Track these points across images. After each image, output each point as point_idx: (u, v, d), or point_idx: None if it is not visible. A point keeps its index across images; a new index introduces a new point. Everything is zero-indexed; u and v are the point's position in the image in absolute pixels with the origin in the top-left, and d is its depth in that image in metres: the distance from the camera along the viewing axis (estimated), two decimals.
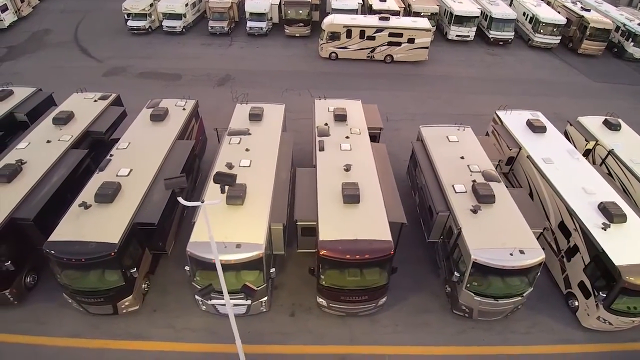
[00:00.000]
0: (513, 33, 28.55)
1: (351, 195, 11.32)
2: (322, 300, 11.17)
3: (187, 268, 10.61)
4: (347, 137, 14.01)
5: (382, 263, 10.45)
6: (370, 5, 27.99)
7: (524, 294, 11.03)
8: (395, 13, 26.88)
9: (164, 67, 24.71)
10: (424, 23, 25.03)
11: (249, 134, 13.99)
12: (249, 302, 7.99)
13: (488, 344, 11.34)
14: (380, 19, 24.83)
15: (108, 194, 10.98)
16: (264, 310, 11.38)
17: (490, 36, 28.40)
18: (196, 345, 10.82)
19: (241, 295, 9.87)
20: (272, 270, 10.77)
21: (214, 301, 8.05)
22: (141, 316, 11.41)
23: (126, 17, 29.02)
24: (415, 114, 20.94)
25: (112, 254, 9.85)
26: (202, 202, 6.70)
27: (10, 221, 10.78)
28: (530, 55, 28.58)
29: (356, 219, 11.02)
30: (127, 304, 10.91)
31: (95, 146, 14.37)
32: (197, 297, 10.77)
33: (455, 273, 11.00)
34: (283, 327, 11.40)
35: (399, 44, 24.73)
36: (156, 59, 25.83)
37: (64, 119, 14.27)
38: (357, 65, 25.77)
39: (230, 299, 10.04)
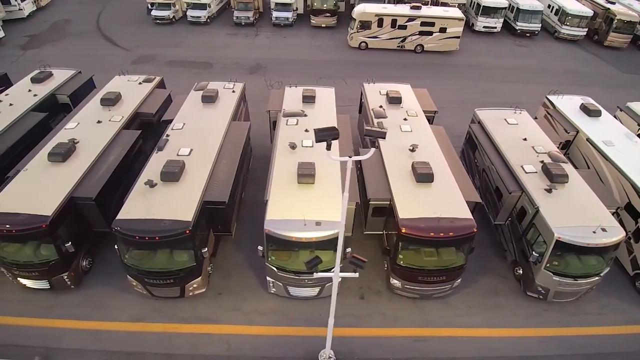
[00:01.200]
0: (540, 24, 28.42)
1: (425, 174, 11.03)
2: (396, 281, 10.82)
3: (260, 248, 10.29)
4: (404, 119, 13.78)
5: (464, 242, 10.13)
6: None
7: (602, 274, 10.79)
8: (425, 2, 26.67)
9: (193, 56, 24.32)
10: (456, 12, 24.84)
11: (305, 115, 13.66)
12: (356, 274, 7.69)
13: (564, 325, 11.08)
14: (412, 8, 24.61)
15: (174, 172, 10.56)
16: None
17: (517, 27, 28.22)
18: (267, 328, 10.44)
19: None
20: (348, 250, 10.41)
21: (320, 274, 7.75)
22: (207, 299, 11.00)
23: (150, 6, 28.63)
24: (453, 102, 20.68)
25: (187, 231, 9.43)
26: (350, 157, 6.44)
27: (70, 200, 10.39)
28: (558, 47, 28.44)
29: (432, 197, 10.71)
30: (195, 286, 10.49)
31: (144, 128, 14.02)
32: (268, 278, 10.34)
33: (534, 253, 10.75)
34: (355, 310, 11.04)
35: (430, 33, 24.50)
36: (183, 48, 25.44)
37: (112, 100, 13.84)
38: (387, 55, 25.50)
39: (310, 277, 9.77)
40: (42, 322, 10.42)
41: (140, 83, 15.37)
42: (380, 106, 14.40)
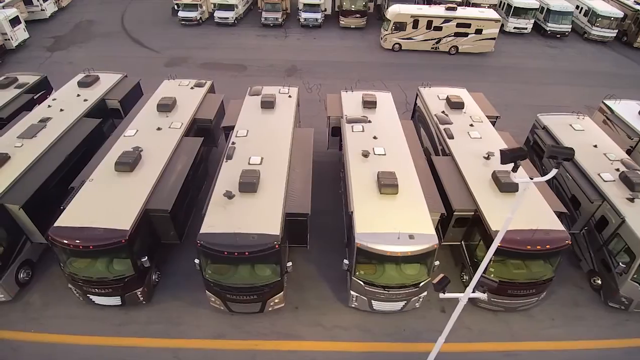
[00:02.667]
0: (570, 26, 28.18)
1: (509, 184, 10.66)
2: (482, 295, 10.51)
3: (346, 262, 9.93)
4: (471, 125, 13.42)
5: (557, 254, 9.84)
6: None
7: None
8: (459, 4, 26.35)
9: (225, 58, 23.85)
10: (492, 13, 24.54)
11: (369, 121, 13.28)
12: (485, 295, 7.40)
13: None
14: (447, 9, 24.26)
15: (253, 183, 10.15)
16: (418, 306, 10.73)
17: (548, 28, 27.98)
18: (352, 344, 10.04)
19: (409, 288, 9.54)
20: (437, 262, 10.08)
21: (447, 295, 7.42)
22: (285, 314, 10.60)
23: (176, 7, 28.11)
24: (496, 105, 20.11)
25: (277, 245, 9.06)
26: (532, 179, 5.88)
27: (145, 213, 9.99)
28: (588, 48, 28.17)
29: (520, 207, 10.42)
30: (276, 301, 10.08)
31: (202, 134, 13.57)
32: (352, 292, 9.92)
33: (620, 264, 10.47)
34: (437, 324, 10.60)
35: (465, 34, 24.18)
36: (214, 49, 24.96)
37: (169, 106, 13.38)
38: (421, 57, 25.14)
39: (398, 292, 9.47)
40: (115, 341, 9.97)
41: (192, 88, 14.90)
42: (443, 111, 14.07)
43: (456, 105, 14.13)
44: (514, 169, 5.52)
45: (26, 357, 9.63)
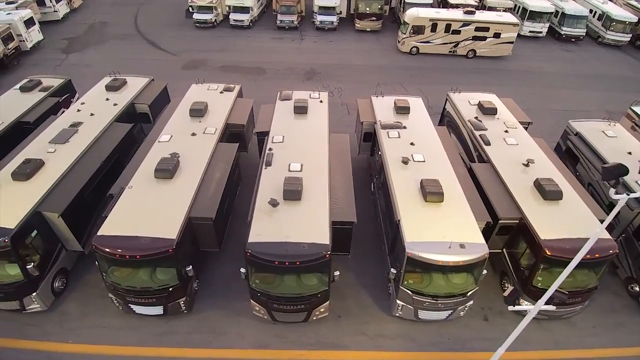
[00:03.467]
0: (585, 30, 28.27)
1: (554, 192, 10.58)
2: (527, 302, 10.44)
3: (393, 271, 9.82)
4: (505, 132, 13.35)
5: (604, 263, 9.79)
6: None
7: None
8: (477, 7, 26.33)
9: (243, 61, 23.70)
10: (511, 17, 24.56)
11: (404, 127, 13.18)
12: (554, 307, 7.38)
13: None
14: (466, 12, 24.28)
15: (298, 191, 10.00)
16: (462, 315, 10.64)
17: (563, 32, 28.04)
18: (398, 354, 9.93)
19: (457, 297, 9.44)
20: (485, 272, 9.99)
21: (517, 308, 7.33)
22: (327, 323, 10.45)
23: (191, 9, 27.93)
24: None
25: (327, 255, 8.91)
26: (628, 194, 5.64)
27: (188, 221, 9.81)
28: (603, 53, 28.23)
29: (564, 216, 10.25)
30: (322, 310, 9.94)
31: (234, 139, 13.35)
32: (398, 301, 9.81)
33: None
34: (481, 333, 10.55)
35: (484, 38, 24.16)
36: (231, 52, 24.80)
37: (201, 111, 13.21)
38: (438, 60, 25.10)
39: (446, 301, 9.39)
40: (158, 351, 9.79)
41: (221, 92, 14.71)
42: (476, 117, 14.00)
43: (489, 111, 14.05)
44: (615, 185, 5.41)
45: None
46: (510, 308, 7.06)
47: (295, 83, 21.44)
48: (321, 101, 14.40)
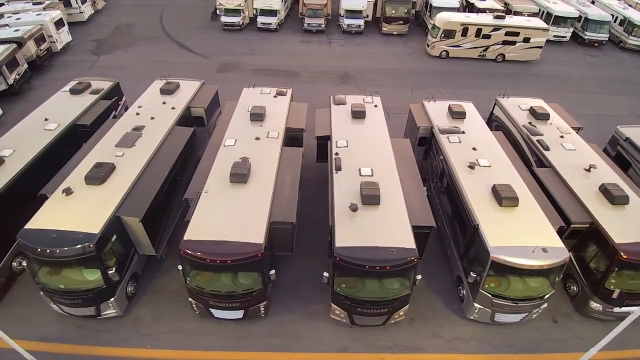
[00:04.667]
0: (608, 35, 28.68)
1: (621, 196, 10.75)
2: (597, 305, 10.46)
3: (473, 275, 9.87)
4: (561, 137, 13.55)
5: None
6: (472, 3, 27.87)
7: None
8: (502, 12, 26.65)
9: (275, 64, 23.81)
10: (540, 22, 24.88)
11: (462, 132, 13.33)
12: None
13: None
14: (496, 17, 24.55)
15: (377, 195, 10.10)
16: (534, 317, 10.77)
17: (586, 37, 28.43)
18: (475, 356, 10.01)
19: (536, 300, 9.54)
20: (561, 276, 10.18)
21: (625, 309, 7.42)
22: (402, 326, 10.54)
23: (218, 12, 27.95)
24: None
25: (415, 259, 8.99)
26: None
27: (270, 225, 9.85)
28: (626, 57, 28.60)
29: (635, 219, 10.43)
30: (401, 313, 10.06)
31: (294, 143, 13.43)
32: (476, 304, 9.88)
33: None
34: (552, 334, 10.70)
35: (513, 42, 24.46)
36: (262, 55, 24.92)
37: (261, 115, 13.25)
38: (468, 64, 25.33)
39: (525, 304, 9.46)
40: (238, 356, 9.84)
41: (275, 96, 14.80)
42: (530, 122, 14.21)
43: (542, 116, 14.24)
44: None
45: None
46: (617, 310, 7.21)
47: (331, 86, 21.56)
48: (375, 106, 14.52)
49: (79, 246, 8.95)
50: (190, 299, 10.04)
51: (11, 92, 19.63)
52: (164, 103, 14.13)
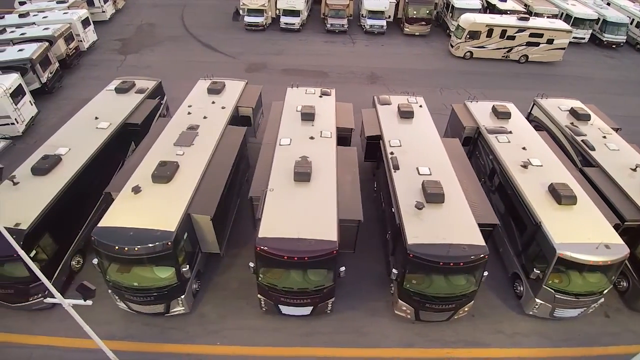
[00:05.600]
0: (625, 36, 29.11)
1: None
2: None
3: (537, 271, 10.12)
4: (604, 137, 13.85)
5: None
6: (493, 4, 28.22)
7: None
8: (525, 13, 26.99)
9: (303, 64, 23.98)
10: (563, 24, 25.29)
11: (510, 132, 13.60)
12: None
13: None
14: (520, 19, 24.94)
15: (441, 194, 10.34)
16: (590, 312, 11.06)
17: (604, 39, 28.88)
18: (536, 350, 10.31)
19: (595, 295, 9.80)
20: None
21: None
22: (464, 322, 10.80)
23: (241, 12, 28.04)
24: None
25: (486, 257, 9.24)
26: None
27: (340, 223, 10.00)
28: None
29: None
30: (466, 309, 10.31)
31: (342, 142, 13.61)
32: (538, 300, 10.18)
33: None
34: (605, 328, 11.02)
35: (537, 44, 24.83)
36: (288, 55, 25.08)
37: (312, 115, 13.43)
38: (491, 65, 25.64)
39: (586, 299, 9.69)
40: (306, 351, 10.02)
41: (320, 96, 14.99)
42: (572, 123, 14.52)
43: (583, 117, 14.55)
44: None
45: None
46: None
47: (361, 86, 21.79)
48: (420, 106, 14.80)
49: (158, 244, 9.13)
50: (259, 296, 10.22)
51: (44, 90, 19.68)
52: (213, 103, 14.26)
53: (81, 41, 23.58)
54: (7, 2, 29.63)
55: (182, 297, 10.13)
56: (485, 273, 9.97)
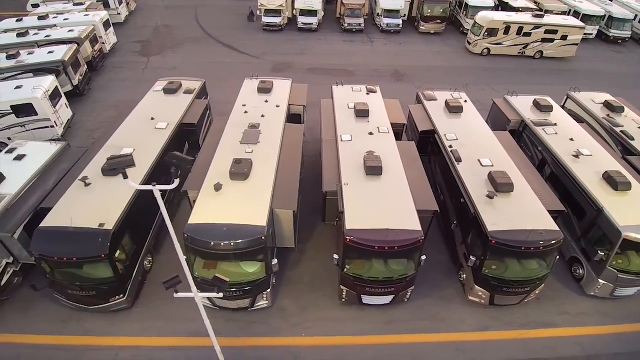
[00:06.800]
0: (630, 32, 30.34)
1: None
2: None
3: (600, 253, 10.74)
4: (639, 127, 14.63)
5: None
6: (506, 2, 29.08)
7: None
8: (539, 10, 27.82)
9: (327, 63, 24.31)
10: (576, 20, 26.30)
11: (554, 124, 14.25)
12: None
13: None
14: (534, 16, 25.83)
15: (510, 184, 10.85)
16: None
17: (611, 34, 30.02)
18: (600, 327, 10.95)
19: None
20: None
21: None
22: (531, 305, 11.27)
23: (257, 12, 28.10)
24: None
25: (560, 240, 9.75)
26: None
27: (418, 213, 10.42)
28: None
29: None
30: (537, 292, 10.83)
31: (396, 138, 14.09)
32: (601, 280, 10.77)
33: None
34: None
35: (551, 40, 25.75)
36: (311, 55, 25.37)
37: (367, 112, 13.82)
38: (509, 61, 26.42)
39: None
40: (392, 339, 10.38)
41: (367, 93, 15.35)
42: (608, 115, 15.28)
43: (617, 108, 15.33)
44: None
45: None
46: None
47: (387, 84, 22.13)
48: (465, 101, 15.34)
49: (252, 238, 9.39)
50: (341, 287, 10.56)
51: (75, 93, 19.49)
52: (266, 101, 14.49)
53: (104, 43, 23.37)
54: (15, 5, 29.06)
55: (268, 290, 10.44)
56: (557, 256, 10.65)
